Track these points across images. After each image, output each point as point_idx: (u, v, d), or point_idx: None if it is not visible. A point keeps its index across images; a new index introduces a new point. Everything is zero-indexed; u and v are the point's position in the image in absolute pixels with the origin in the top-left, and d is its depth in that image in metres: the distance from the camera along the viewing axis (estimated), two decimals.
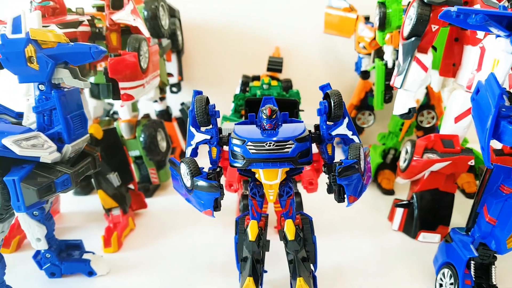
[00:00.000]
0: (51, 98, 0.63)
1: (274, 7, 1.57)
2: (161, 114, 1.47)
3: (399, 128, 1.23)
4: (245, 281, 0.70)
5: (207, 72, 1.63)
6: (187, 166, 0.62)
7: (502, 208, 0.72)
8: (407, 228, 1.01)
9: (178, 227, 1.05)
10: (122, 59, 0.82)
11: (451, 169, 0.95)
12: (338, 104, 0.62)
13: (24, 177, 0.61)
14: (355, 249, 0.94)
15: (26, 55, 0.61)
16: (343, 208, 1.11)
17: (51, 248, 0.84)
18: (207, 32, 1.58)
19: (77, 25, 0.89)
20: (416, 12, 0.88)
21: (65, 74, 0.63)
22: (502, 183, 0.74)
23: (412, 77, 0.90)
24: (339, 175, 0.60)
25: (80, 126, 0.67)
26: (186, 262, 0.91)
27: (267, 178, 0.64)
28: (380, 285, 0.83)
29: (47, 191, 0.62)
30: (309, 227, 0.72)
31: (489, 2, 0.88)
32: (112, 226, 0.98)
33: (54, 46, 0.62)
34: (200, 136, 0.66)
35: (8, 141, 0.60)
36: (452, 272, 0.76)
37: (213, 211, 0.63)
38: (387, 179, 1.23)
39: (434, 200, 0.98)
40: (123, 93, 0.85)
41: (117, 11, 0.92)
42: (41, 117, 0.65)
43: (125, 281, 0.85)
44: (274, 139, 0.61)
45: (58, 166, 0.64)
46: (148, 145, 1.15)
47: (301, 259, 0.70)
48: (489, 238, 0.74)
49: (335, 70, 1.62)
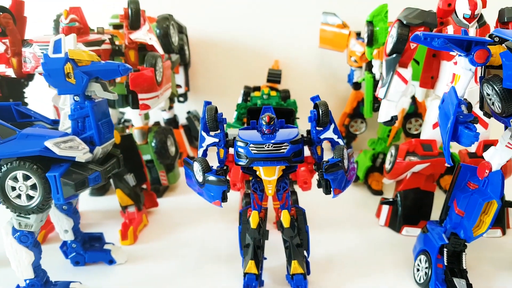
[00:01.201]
0: (85, 108, 0.75)
1: (273, 24, 1.68)
2: (169, 122, 1.59)
3: (387, 134, 1.35)
4: (248, 264, 0.81)
5: (212, 83, 1.74)
6: (200, 164, 0.74)
7: (469, 202, 0.83)
8: (392, 223, 1.12)
9: (186, 223, 1.17)
10: (141, 74, 0.95)
11: (430, 170, 1.06)
12: (325, 113, 0.74)
13: (63, 174, 0.72)
14: (345, 241, 1.06)
15: (65, 72, 0.73)
16: (335, 206, 1.24)
17: (77, 239, 0.95)
18: (211, 47, 1.69)
19: (100, 43, 1.01)
20: (397, 32, 1.00)
21: (97, 88, 0.75)
22: (469, 180, 0.86)
23: (394, 88, 1.02)
24: (325, 171, 0.72)
25: (108, 131, 0.79)
26: (194, 253, 1.02)
27: (266, 175, 0.76)
28: (367, 272, 0.94)
29: (82, 186, 0.73)
30: (303, 218, 0.84)
31: (460, 24, 1.01)
32: (128, 222, 1.10)
33: (88, 64, 0.74)
34: (210, 139, 0.78)
35: (50, 143, 0.72)
36: (427, 258, 0.87)
37: (221, 202, 0.75)
38: (376, 181, 1.35)
39: (416, 198, 1.09)
40: (141, 103, 0.98)
41: (135, 31, 1.05)
42: (76, 123, 0.76)
43: (141, 269, 0.96)
44: (272, 142, 0.73)
45: (90, 164, 0.76)
46: (159, 149, 1.26)
47: (296, 245, 0.82)
48: (459, 228, 0.86)
49: (329, 81, 1.72)
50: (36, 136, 0.74)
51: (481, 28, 0.99)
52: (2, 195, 0.74)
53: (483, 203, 0.81)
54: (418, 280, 0.88)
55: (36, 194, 0.73)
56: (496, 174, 0.80)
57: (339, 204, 1.26)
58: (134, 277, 0.93)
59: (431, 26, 1.01)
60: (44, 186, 0.72)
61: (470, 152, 1.02)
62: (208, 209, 1.23)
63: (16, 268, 0.80)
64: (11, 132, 0.75)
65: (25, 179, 0.73)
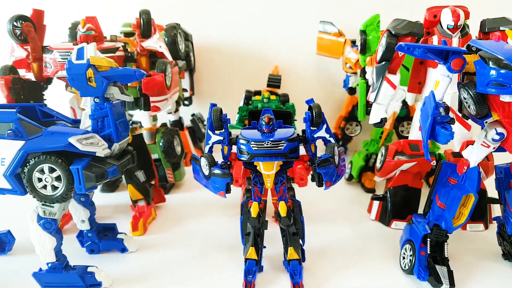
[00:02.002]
0: (104, 108, 0.84)
1: (273, 32, 1.76)
2: (174, 124, 1.68)
3: (379, 136, 1.44)
4: (249, 250, 0.90)
5: (215, 87, 1.82)
6: (206, 159, 0.83)
7: (449, 195, 0.92)
8: (382, 217, 1.20)
9: (191, 217, 1.25)
10: (153, 79, 1.04)
11: (417, 168, 1.15)
12: (318, 114, 0.83)
13: (85, 167, 0.80)
14: (338, 233, 1.14)
15: (87, 76, 0.82)
16: (330, 201, 1.33)
17: (92, 229, 1.04)
18: (215, 53, 1.77)
19: (115, 50, 1.10)
20: (386, 41, 1.09)
21: (115, 91, 0.84)
22: (449, 176, 0.94)
23: (383, 93, 1.11)
24: (318, 166, 0.81)
25: (124, 130, 0.88)
26: (199, 243, 1.10)
27: (265, 169, 0.85)
28: (357, 261, 1.02)
29: (101, 178, 0.82)
30: (298, 209, 0.92)
31: (444, 34, 1.09)
32: (138, 215, 1.18)
33: (108, 70, 0.83)
34: (215, 137, 0.87)
35: (73, 140, 0.81)
36: (411, 247, 0.95)
37: (225, 193, 0.83)
38: (369, 180, 1.43)
39: (404, 194, 1.17)
40: (152, 105, 1.07)
41: (146, 39, 1.14)
42: (96, 122, 0.85)
43: (151, 256, 1.04)
44: (271, 140, 0.82)
45: (108, 159, 0.84)
46: (166, 149, 1.35)
47: (292, 233, 0.90)
48: (440, 220, 0.94)
49: (326, 86, 1.80)
50: (60, 133, 0.83)
51: (464, 38, 1.07)
52: (29, 186, 0.82)
53: (461, 197, 0.89)
54: (404, 267, 0.96)
55: (60, 185, 0.82)
56: (473, 170, 0.89)
57: (334, 200, 1.36)
58: (144, 264, 1.01)
59: (418, 36, 1.09)
60: (67, 178, 0.81)
61: (454, 152, 1.10)
62: (211, 205, 1.32)
63: (40, 253, 0.88)
64: (38, 129, 0.84)
65: (51, 172, 0.81)
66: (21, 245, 1.08)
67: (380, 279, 0.94)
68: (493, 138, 0.83)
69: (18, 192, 0.85)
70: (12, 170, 0.82)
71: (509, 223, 0.95)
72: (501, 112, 0.79)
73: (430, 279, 0.91)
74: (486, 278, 0.95)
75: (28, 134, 0.83)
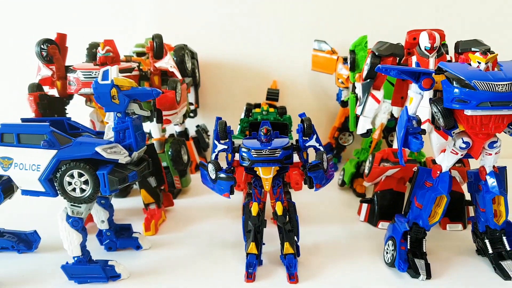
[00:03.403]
0: (126, 122, 0.97)
1: (272, 49, 1.87)
2: (180, 135, 1.81)
3: (369, 145, 1.57)
4: (250, 246, 1.03)
5: (218, 100, 1.93)
6: (213, 165, 0.97)
7: (425, 197, 1.04)
8: (370, 218, 1.33)
9: (197, 219, 1.37)
10: (165, 96, 1.18)
11: (401, 174, 1.28)
12: (308, 126, 0.97)
13: (109, 172, 0.93)
14: (331, 232, 1.26)
15: (111, 95, 0.96)
16: (323, 205, 1.46)
17: (110, 228, 1.16)
18: (218, 69, 1.89)
19: (131, 70, 1.25)
20: (370, 61, 1.23)
21: (135, 107, 0.97)
22: (425, 179, 1.07)
23: (369, 107, 1.25)
24: (309, 170, 0.94)
25: (142, 140, 1.01)
26: (205, 241, 1.22)
27: (264, 174, 0.98)
28: (347, 256, 1.13)
29: (123, 181, 0.95)
30: (293, 209, 1.05)
31: (422, 54, 1.22)
32: (150, 217, 1.31)
33: (129, 89, 0.96)
34: (221, 146, 1.01)
35: (99, 149, 0.94)
36: (393, 243, 1.07)
37: (229, 194, 0.97)
38: (360, 185, 1.56)
39: (389, 197, 1.29)
40: (165, 118, 1.21)
41: (159, 60, 1.29)
42: (118, 134, 0.98)
43: (162, 253, 1.16)
44: (269, 148, 0.95)
45: (129, 166, 0.97)
46: (174, 157, 1.48)
47: (288, 230, 1.03)
48: (418, 219, 1.06)
49: (321, 100, 1.92)
50: (88, 143, 0.96)
51: (439, 58, 1.21)
52: (60, 189, 0.95)
53: (435, 197, 1.02)
54: (387, 261, 1.09)
55: (88, 187, 0.95)
56: (445, 174, 1.02)
57: (328, 204, 1.48)
58: (156, 260, 1.13)
59: (399, 56, 1.23)
60: (94, 182, 0.94)
61: (433, 159, 1.24)
62: (215, 208, 1.45)
63: (67, 248, 1.01)
64: (68, 140, 0.97)
65: (79, 176, 0.94)
66: (45, 244, 1.20)
67: (366, 271, 1.06)
68: (460, 146, 0.97)
69: (51, 194, 0.98)
70: (46, 175, 0.95)
71: (480, 222, 1.08)
72: (465, 124, 0.93)
73: (409, 271, 1.03)
74: (459, 270, 1.06)
75: (60, 144, 0.96)
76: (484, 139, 0.96)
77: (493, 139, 0.97)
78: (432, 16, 1.87)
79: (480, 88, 0.86)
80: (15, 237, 1.18)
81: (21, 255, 1.17)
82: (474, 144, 0.97)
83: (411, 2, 1.85)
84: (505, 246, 1.06)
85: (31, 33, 1.51)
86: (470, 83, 0.86)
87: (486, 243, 1.07)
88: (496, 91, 0.85)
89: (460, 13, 1.86)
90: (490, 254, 1.06)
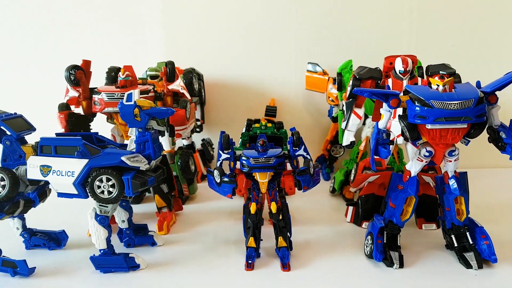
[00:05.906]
0: (146, 136, 1.16)
1: (270, 70, 2.07)
2: (188, 147, 2.01)
3: (356, 156, 1.76)
4: (249, 240, 1.21)
5: (222, 117, 2.10)
6: (218, 171, 1.16)
7: (397, 198, 1.23)
8: (355, 220, 1.50)
9: (203, 221, 1.55)
10: (177, 113, 1.38)
11: (381, 180, 1.45)
12: (297, 138, 1.17)
13: (132, 177, 1.12)
14: (320, 231, 1.44)
15: (134, 113, 1.15)
16: (315, 208, 1.64)
17: (130, 227, 1.35)
18: (222, 89, 2.07)
19: (148, 92, 1.45)
20: (352, 83, 1.43)
21: (154, 123, 1.16)
22: (398, 183, 1.26)
23: (352, 122, 1.44)
24: (297, 175, 1.13)
25: (158, 151, 1.19)
26: (211, 239, 1.40)
27: (261, 178, 1.17)
28: (333, 250, 1.29)
29: (144, 185, 1.14)
30: (286, 209, 1.23)
31: (397, 77, 1.43)
32: (162, 219, 1.50)
33: (149, 109, 1.16)
34: (224, 156, 1.20)
35: (124, 158, 1.13)
36: (371, 237, 1.24)
37: (232, 195, 1.16)
38: (348, 192, 1.73)
39: (372, 201, 1.46)
40: (176, 133, 1.41)
41: (171, 83, 1.50)
42: (139, 146, 1.17)
43: (174, 248, 1.34)
44: (264, 157, 1.15)
45: (148, 172, 1.17)
46: (183, 167, 1.67)
47: (281, 227, 1.22)
48: (393, 217, 1.24)
49: (314, 115, 2.11)
50: (114, 153, 1.14)
51: (411, 80, 1.42)
52: (91, 191, 1.14)
53: (406, 198, 1.20)
54: (366, 253, 1.26)
55: (114, 190, 1.13)
56: (413, 178, 1.20)
57: (319, 208, 1.67)
58: (169, 254, 1.31)
59: (377, 79, 1.43)
60: (120, 185, 1.13)
61: None
62: (219, 212, 1.63)
63: (95, 241, 1.19)
64: (97, 151, 1.16)
65: (107, 181, 1.13)
66: (72, 242, 1.39)
67: (349, 261, 1.23)
68: (424, 154, 1.16)
69: (82, 196, 1.16)
70: (80, 180, 1.14)
71: (446, 220, 1.26)
72: (427, 136, 1.11)
73: (385, 261, 1.20)
74: (429, 261, 1.23)
75: (91, 154, 1.15)
76: (443, 148, 1.14)
77: (452, 148, 1.15)
78: (412, 41, 2.09)
79: (436, 106, 1.04)
80: (46, 236, 1.37)
81: (51, 251, 1.35)
82: (436, 153, 1.16)
83: (391, 30, 2.07)
84: (468, 240, 1.23)
85: (55, 60, 1.72)
86: (428, 102, 1.05)
87: (452, 238, 1.25)
88: (449, 109, 1.04)
89: (435, 39, 2.08)
90: (455, 247, 1.23)
